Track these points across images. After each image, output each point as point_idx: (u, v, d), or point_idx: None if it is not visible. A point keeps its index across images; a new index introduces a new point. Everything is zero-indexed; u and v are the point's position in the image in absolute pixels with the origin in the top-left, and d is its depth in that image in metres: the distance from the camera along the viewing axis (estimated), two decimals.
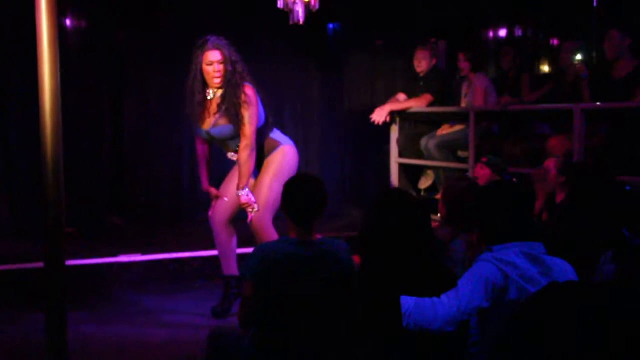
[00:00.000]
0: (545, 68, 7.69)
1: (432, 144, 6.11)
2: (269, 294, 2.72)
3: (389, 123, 6.46)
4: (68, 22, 6.28)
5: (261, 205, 4.11)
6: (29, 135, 5.39)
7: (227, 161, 4.37)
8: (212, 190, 4.36)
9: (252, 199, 4.09)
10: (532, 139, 5.58)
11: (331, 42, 7.25)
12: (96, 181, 6.43)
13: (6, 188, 6.11)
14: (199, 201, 5.89)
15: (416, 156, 6.39)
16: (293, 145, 4.36)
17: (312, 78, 7.19)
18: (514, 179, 4.64)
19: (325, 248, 2.80)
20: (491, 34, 7.90)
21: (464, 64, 6.15)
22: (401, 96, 6.49)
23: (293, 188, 2.86)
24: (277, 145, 4.27)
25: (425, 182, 6.59)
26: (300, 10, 4.38)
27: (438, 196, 4.68)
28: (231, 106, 4.07)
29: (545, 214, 4.04)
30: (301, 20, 4.41)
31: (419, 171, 6.64)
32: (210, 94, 4.17)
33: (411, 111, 6.34)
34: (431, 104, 6.26)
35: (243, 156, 4.08)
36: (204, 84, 4.15)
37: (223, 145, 4.27)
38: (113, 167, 6.57)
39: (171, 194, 6.69)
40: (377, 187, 7.08)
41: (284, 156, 4.26)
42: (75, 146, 5.77)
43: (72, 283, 3.65)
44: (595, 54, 6.41)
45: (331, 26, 7.23)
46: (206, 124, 4.18)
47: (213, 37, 4.11)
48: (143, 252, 5.26)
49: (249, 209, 4.09)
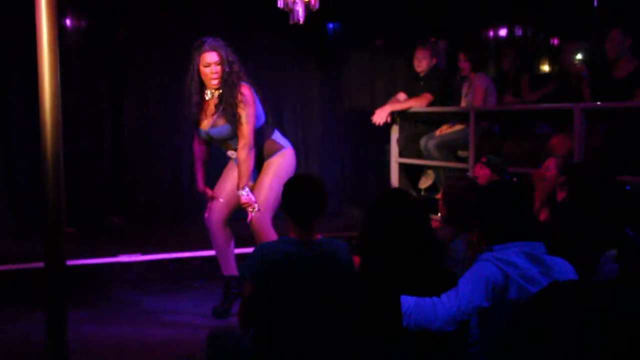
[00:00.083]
0: (545, 68, 7.69)
1: (432, 144, 6.09)
2: (269, 294, 2.72)
3: (389, 123, 6.46)
4: (68, 22, 6.28)
5: (261, 205, 4.11)
6: (29, 135, 5.40)
7: (225, 161, 4.38)
8: (208, 191, 4.36)
9: (253, 199, 4.09)
10: (533, 139, 5.58)
11: (331, 42, 7.25)
12: (96, 181, 6.43)
13: (6, 188, 6.11)
14: (199, 201, 5.85)
15: (416, 156, 6.38)
16: (293, 149, 4.37)
17: (312, 78, 7.19)
18: (514, 179, 4.63)
19: (325, 248, 2.80)
20: (491, 34, 7.90)
21: (465, 64, 6.14)
22: (401, 95, 6.48)
23: (293, 188, 2.86)
24: (280, 148, 4.29)
25: (425, 182, 6.58)
26: (300, 9, 4.37)
27: (438, 196, 4.67)
28: (228, 106, 4.08)
29: (543, 214, 4.04)
30: (301, 19, 4.41)
31: (419, 171, 6.63)
32: (208, 95, 4.17)
33: (411, 111, 6.33)
34: (431, 104, 6.25)
35: (242, 155, 4.08)
36: (202, 85, 4.16)
37: (223, 144, 4.27)
38: (113, 167, 6.57)
39: (171, 194, 6.69)
40: (377, 187, 7.08)
41: (285, 159, 4.27)
42: (75, 146, 5.78)
43: (73, 283, 3.65)
44: (596, 54, 6.41)
45: (331, 26, 7.23)
46: (205, 125, 4.19)
47: (209, 39, 4.11)
48: (143, 252, 5.25)
49: (249, 209, 4.09)
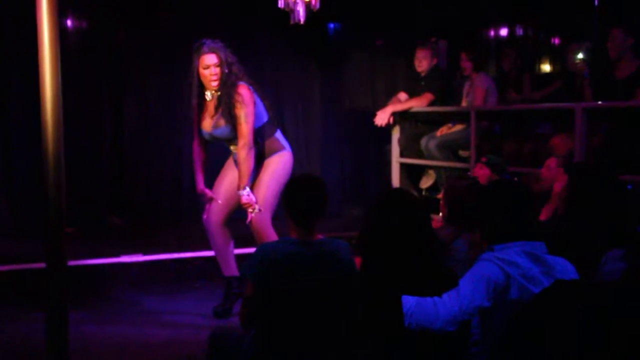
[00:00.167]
0: (546, 67, 7.69)
1: (433, 144, 6.09)
2: (269, 294, 2.72)
3: (391, 123, 6.45)
4: (69, 23, 6.28)
5: (260, 204, 4.11)
6: (29, 135, 5.41)
7: (224, 162, 4.40)
8: (207, 192, 4.36)
9: (253, 199, 4.09)
10: (533, 139, 5.58)
11: (331, 42, 7.25)
12: (96, 181, 6.43)
13: (6, 188, 6.11)
14: (199, 201, 5.88)
15: (417, 156, 6.37)
16: (291, 152, 4.38)
17: (313, 78, 7.19)
18: (515, 178, 4.63)
19: (325, 248, 2.79)
20: (492, 34, 7.90)
21: (466, 64, 6.14)
22: (402, 95, 6.48)
23: (294, 188, 2.86)
24: (281, 148, 4.29)
25: (426, 182, 6.57)
26: (301, 9, 4.37)
27: (439, 196, 4.67)
28: (226, 107, 4.09)
29: (542, 214, 4.03)
30: (302, 20, 4.40)
31: (421, 171, 6.63)
32: (208, 96, 4.18)
33: (412, 111, 6.32)
34: (432, 103, 6.25)
35: (241, 155, 4.08)
36: (202, 87, 4.17)
37: (228, 144, 4.28)
38: (113, 167, 6.57)
39: (171, 194, 6.68)
40: (378, 187, 7.08)
41: (284, 161, 4.27)
42: (75, 146, 5.77)
43: (73, 283, 3.65)
44: (597, 54, 6.41)
45: (331, 26, 7.23)
46: (207, 126, 4.20)
47: (208, 41, 4.11)
48: (144, 252, 5.25)
49: (250, 209, 4.09)
